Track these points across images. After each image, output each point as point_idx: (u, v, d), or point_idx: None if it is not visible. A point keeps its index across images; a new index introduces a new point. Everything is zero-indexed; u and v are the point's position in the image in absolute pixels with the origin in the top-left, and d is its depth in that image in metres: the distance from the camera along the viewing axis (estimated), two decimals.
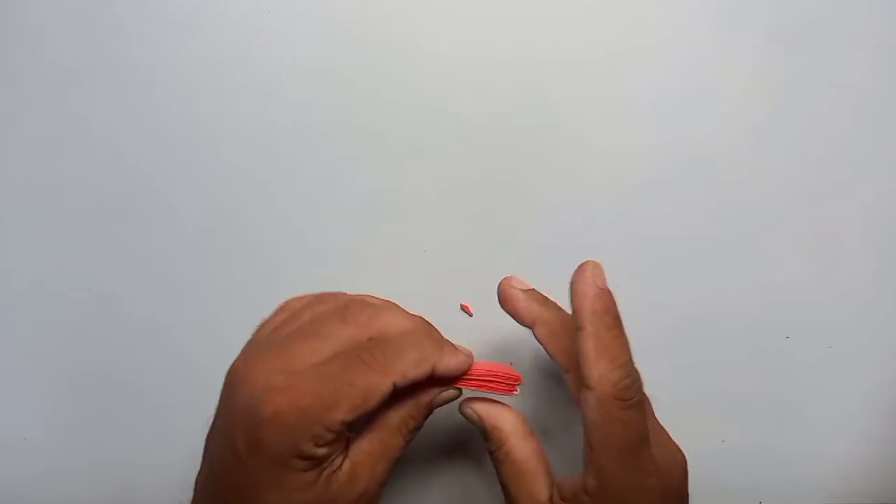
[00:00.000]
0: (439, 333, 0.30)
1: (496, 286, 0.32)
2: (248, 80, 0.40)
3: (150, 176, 0.40)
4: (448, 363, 0.28)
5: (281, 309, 0.31)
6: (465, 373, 0.29)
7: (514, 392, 0.31)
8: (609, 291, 0.28)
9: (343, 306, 0.29)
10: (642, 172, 0.39)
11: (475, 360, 0.30)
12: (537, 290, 0.32)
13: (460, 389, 0.30)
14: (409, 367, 0.27)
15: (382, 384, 0.27)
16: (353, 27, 0.39)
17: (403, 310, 0.30)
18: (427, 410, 0.30)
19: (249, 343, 0.30)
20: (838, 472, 0.39)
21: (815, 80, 0.40)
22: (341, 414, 0.26)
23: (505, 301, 0.31)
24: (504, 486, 0.30)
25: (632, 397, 0.27)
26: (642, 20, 0.39)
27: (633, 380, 0.27)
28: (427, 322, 0.30)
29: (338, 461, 0.27)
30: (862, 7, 0.40)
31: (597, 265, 0.28)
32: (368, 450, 0.28)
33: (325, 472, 0.27)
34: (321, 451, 0.26)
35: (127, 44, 0.40)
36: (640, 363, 0.28)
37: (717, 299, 0.39)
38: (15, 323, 0.40)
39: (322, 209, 0.39)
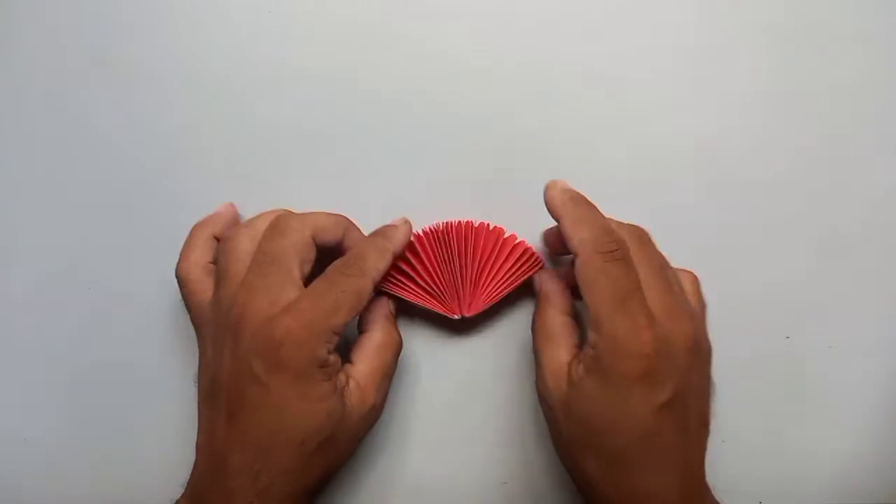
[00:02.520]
0: (380, 231, 0.35)
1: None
2: (248, 80, 0.40)
3: (150, 175, 0.40)
4: (399, 242, 0.34)
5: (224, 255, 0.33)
6: (408, 238, 0.35)
7: (455, 317, 0.36)
8: (573, 189, 0.33)
9: (272, 225, 0.33)
10: (642, 173, 0.39)
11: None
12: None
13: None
14: (378, 263, 0.33)
15: (366, 286, 0.32)
16: (353, 27, 0.39)
17: (316, 212, 0.34)
18: (395, 323, 0.35)
19: (224, 296, 0.32)
20: (838, 471, 0.39)
21: (816, 79, 0.40)
22: (343, 317, 0.31)
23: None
24: (535, 349, 0.34)
25: (613, 250, 0.30)
26: (644, 20, 0.39)
27: (609, 236, 0.31)
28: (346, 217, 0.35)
29: (342, 378, 0.32)
30: (866, 5, 0.40)
31: (561, 180, 0.33)
32: (369, 370, 0.33)
33: (338, 388, 0.31)
34: (331, 357, 0.31)
35: (127, 44, 0.40)
36: None
37: (716, 299, 0.39)
38: (15, 322, 0.40)
39: (322, 209, 0.39)
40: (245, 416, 0.30)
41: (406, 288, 0.36)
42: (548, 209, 0.33)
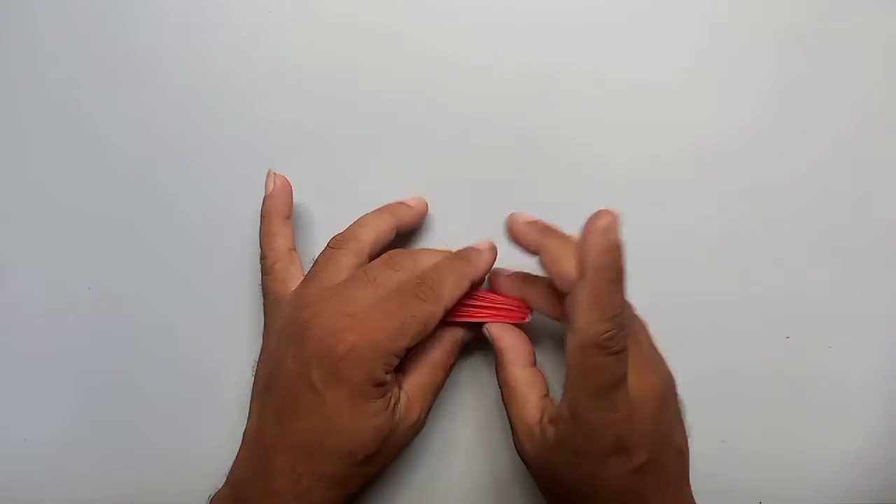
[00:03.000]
0: (463, 254, 0.34)
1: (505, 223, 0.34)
2: (248, 80, 0.39)
3: (151, 176, 0.40)
4: (478, 270, 0.33)
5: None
6: (491, 265, 0.34)
7: (527, 319, 0.35)
8: (618, 246, 0.28)
9: (389, 257, 0.33)
10: (645, 176, 0.39)
11: (486, 291, 0.35)
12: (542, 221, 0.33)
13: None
14: (453, 290, 0.32)
15: (437, 312, 0.31)
16: (353, 27, 0.39)
17: (433, 249, 0.35)
18: (461, 345, 0.35)
19: (306, 294, 0.33)
20: (838, 471, 0.39)
21: (820, 82, 0.40)
22: (406, 342, 0.31)
23: (509, 230, 0.34)
24: (504, 405, 0.34)
25: (613, 347, 0.28)
26: (647, 21, 0.39)
27: (618, 331, 0.28)
28: (453, 252, 0.34)
29: (396, 392, 0.32)
30: (875, 9, 0.39)
31: (612, 217, 0.28)
32: (419, 384, 0.33)
33: (391, 402, 0.31)
34: (389, 377, 0.31)
35: (127, 44, 0.40)
36: None
37: (717, 300, 0.39)
38: (15, 323, 0.40)
39: (322, 210, 0.39)
40: (296, 420, 0.30)
41: (471, 312, 0.34)
42: (581, 245, 0.29)
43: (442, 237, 0.39)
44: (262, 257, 0.35)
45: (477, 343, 0.38)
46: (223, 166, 0.39)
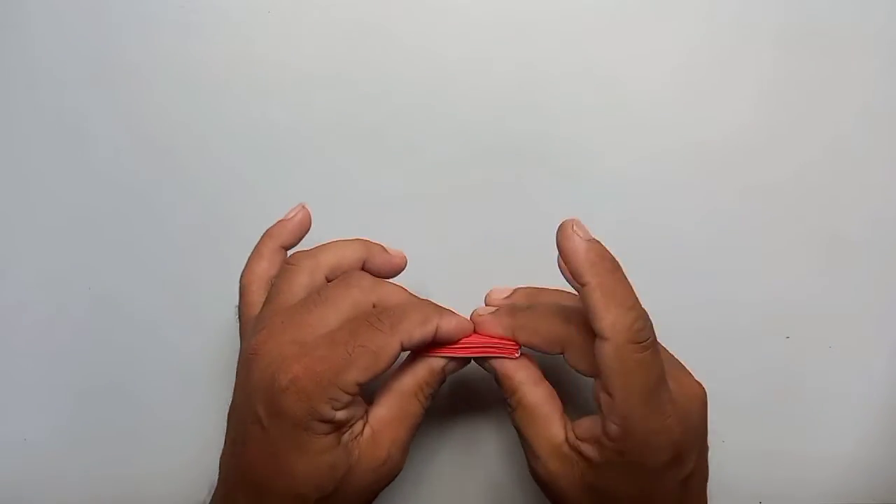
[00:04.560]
0: (437, 305, 0.31)
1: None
2: (248, 80, 0.39)
3: (150, 176, 0.40)
4: (449, 324, 0.30)
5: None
6: (467, 336, 0.31)
7: (516, 356, 0.31)
8: (598, 241, 0.28)
9: (345, 275, 0.31)
10: (642, 176, 0.39)
11: (475, 333, 0.31)
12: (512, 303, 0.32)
13: (469, 359, 0.31)
14: (414, 327, 0.28)
15: (390, 345, 0.28)
16: (353, 27, 0.39)
17: (401, 286, 0.32)
18: (441, 376, 0.31)
19: (261, 318, 0.30)
20: (838, 472, 0.39)
21: (816, 83, 0.40)
22: (354, 375, 0.27)
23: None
24: (520, 432, 0.31)
25: (647, 338, 0.27)
26: (645, 22, 0.39)
27: (644, 321, 0.27)
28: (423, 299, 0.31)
29: (358, 427, 0.28)
30: (873, 7, 0.40)
31: (576, 220, 0.28)
32: (387, 417, 0.30)
33: (346, 437, 0.28)
34: (339, 414, 0.27)
35: (127, 44, 0.40)
36: None
37: (716, 300, 0.39)
38: (14, 324, 0.40)
39: (322, 210, 0.39)
40: (247, 453, 0.28)
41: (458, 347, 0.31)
42: (564, 266, 0.28)
43: (440, 239, 0.39)
44: (241, 276, 0.33)
45: None
46: (223, 167, 0.39)
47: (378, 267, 0.33)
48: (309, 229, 0.34)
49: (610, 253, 0.28)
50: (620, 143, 0.39)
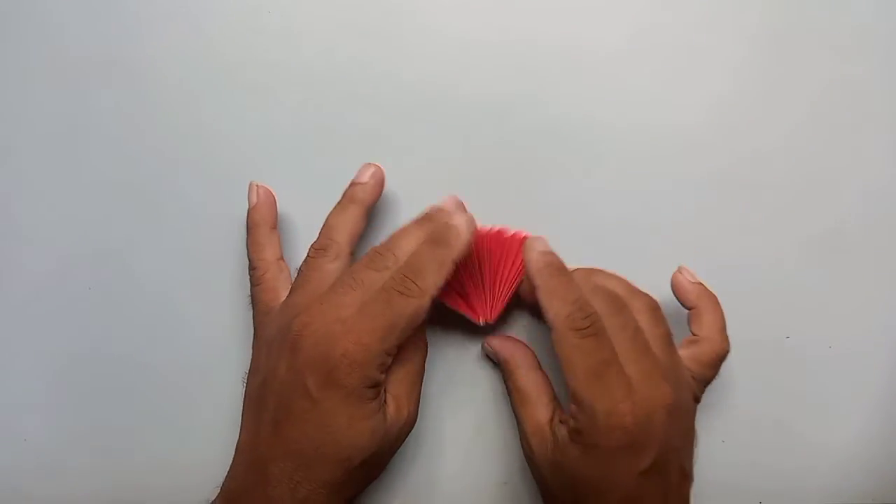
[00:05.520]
0: (441, 236, 0.33)
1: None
2: (248, 80, 0.40)
3: (150, 175, 0.40)
4: (459, 252, 0.33)
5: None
6: (471, 241, 0.33)
7: (479, 322, 0.35)
8: (551, 252, 0.33)
9: (370, 258, 0.33)
10: (640, 173, 0.39)
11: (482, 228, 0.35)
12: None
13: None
14: (437, 279, 0.32)
15: (423, 304, 0.31)
16: (352, 27, 0.39)
17: (409, 230, 0.34)
18: (424, 324, 0.33)
19: (294, 304, 0.33)
20: (838, 472, 0.39)
21: (816, 75, 0.40)
22: (397, 339, 0.31)
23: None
24: (514, 412, 0.35)
25: (585, 326, 0.30)
26: (638, 9, 0.39)
27: (583, 312, 0.31)
28: (430, 233, 0.33)
29: (383, 394, 0.32)
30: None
31: (538, 237, 0.34)
32: (400, 378, 0.33)
33: (382, 404, 0.31)
34: (383, 376, 0.31)
35: (126, 44, 0.40)
36: None
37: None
38: (16, 323, 0.40)
39: (322, 210, 0.39)
40: (291, 427, 0.30)
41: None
42: (526, 271, 0.33)
43: None
44: (252, 268, 0.36)
45: (464, 351, 0.38)
46: (223, 166, 0.39)
47: (372, 201, 0.36)
48: (276, 201, 0.37)
49: (559, 263, 0.33)
50: (616, 141, 0.39)
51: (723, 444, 0.38)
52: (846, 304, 0.39)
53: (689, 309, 0.35)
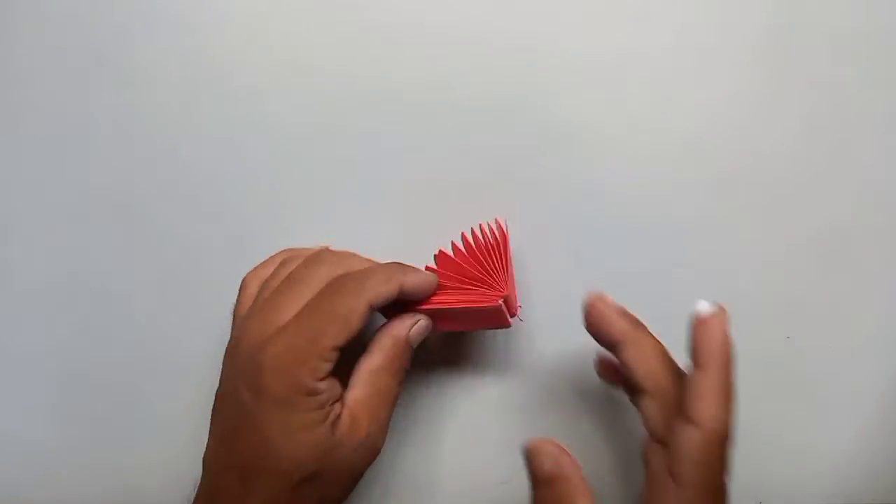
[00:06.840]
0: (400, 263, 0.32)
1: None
2: (247, 80, 0.39)
3: (150, 177, 0.40)
4: (414, 279, 0.31)
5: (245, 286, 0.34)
6: (432, 289, 0.32)
7: (498, 303, 0.32)
8: (732, 340, 0.29)
9: (314, 254, 0.32)
10: (640, 172, 0.39)
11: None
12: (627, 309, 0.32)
13: (432, 326, 0.32)
14: (379, 285, 0.30)
15: (359, 306, 0.29)
16: (352, 27, 0.39)
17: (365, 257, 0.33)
18: (407, 346, 0.32)
19: (247, 312, 0.32)
20: (838, 471, 0.39)
21: (816, 74, 0.40)
22: (329, 340, 0.28)
23: (592, 311, 0.31)
24: None
25: (733, 438, 0.28)
26: (638, 12, 0.39)
27: (733, 422, 0.28)
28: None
29: (336, 409, 0.29)
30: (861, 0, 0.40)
31: (726, 313, 0.30)
32: (362, 396, 0.30)
33: (330, 418, 0.29)
34: (321, 385, 0.29)
35: (126, 44, 0.40)
36: None
37: (716, 299, 0.39)
38: (15, 323, 0.40)
39: (323, 209, 0.39)
40: (234, 441, 0.29)
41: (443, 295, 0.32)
42: (694, 340, 0.29)
43: (442, 235, 0.39)
44: (244, 277, 0.34)
45: (465, 351, 0.38)
46: (223, 166, 0.39)
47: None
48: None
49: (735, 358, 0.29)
50: (613, 138, 0.39)
51: None
52: (846, 305, 0.39)
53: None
